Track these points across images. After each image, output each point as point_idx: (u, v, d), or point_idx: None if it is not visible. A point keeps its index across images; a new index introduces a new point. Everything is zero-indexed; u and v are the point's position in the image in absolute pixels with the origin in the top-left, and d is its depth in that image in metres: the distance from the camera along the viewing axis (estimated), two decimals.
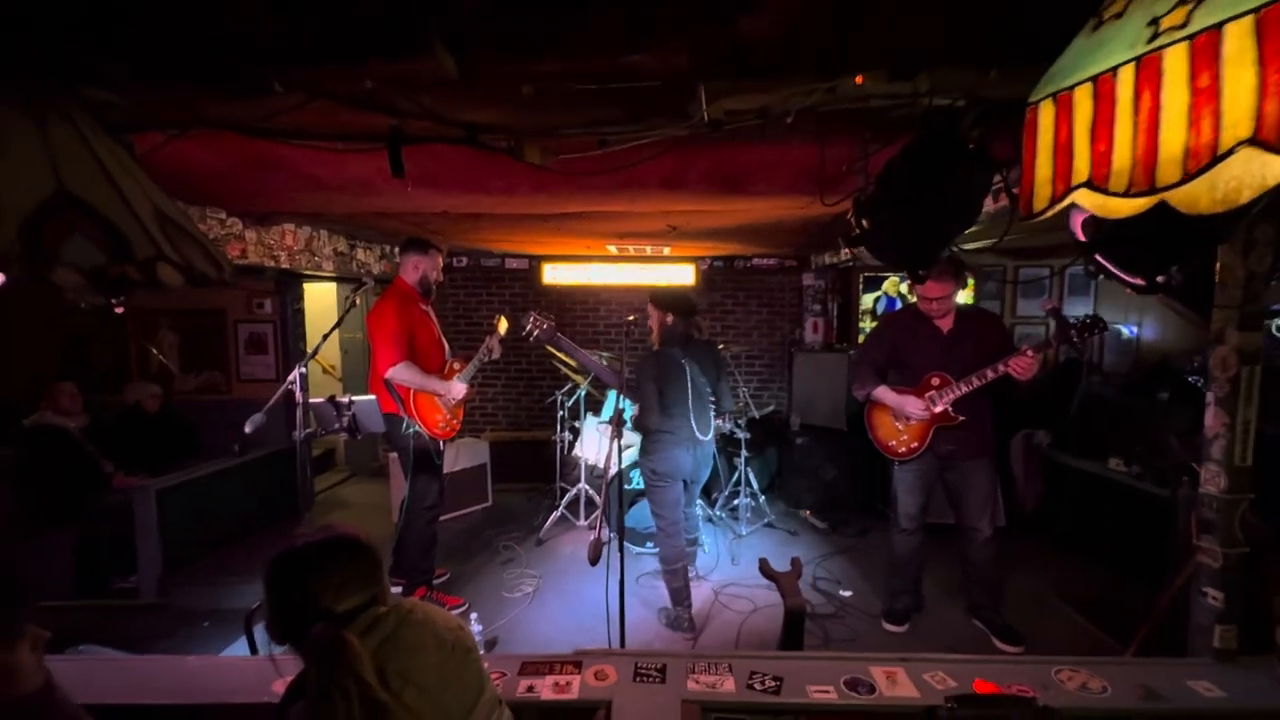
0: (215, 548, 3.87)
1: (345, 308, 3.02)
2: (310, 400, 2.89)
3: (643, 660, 1.68)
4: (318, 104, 1.64)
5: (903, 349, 3.01)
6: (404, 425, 3.11)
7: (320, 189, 3.10)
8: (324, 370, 6.01)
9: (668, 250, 5.88)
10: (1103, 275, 1.76)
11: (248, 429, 2.57)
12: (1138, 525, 3.41)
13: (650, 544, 3.91)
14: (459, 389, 3.21)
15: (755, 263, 6.42)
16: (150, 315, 4.93)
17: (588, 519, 4.57)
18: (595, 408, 4.99)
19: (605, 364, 3.46)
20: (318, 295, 6.12)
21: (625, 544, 3.30)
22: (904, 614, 3.14)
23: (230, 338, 4.99)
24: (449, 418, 3.27)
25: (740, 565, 3.85)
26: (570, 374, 4.91)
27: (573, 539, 4.35)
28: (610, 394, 4.48)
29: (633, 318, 3.11)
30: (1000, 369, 2.71)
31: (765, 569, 2.21)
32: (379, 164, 2.10)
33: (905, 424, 2.98)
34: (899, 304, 5.51)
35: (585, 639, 2.93)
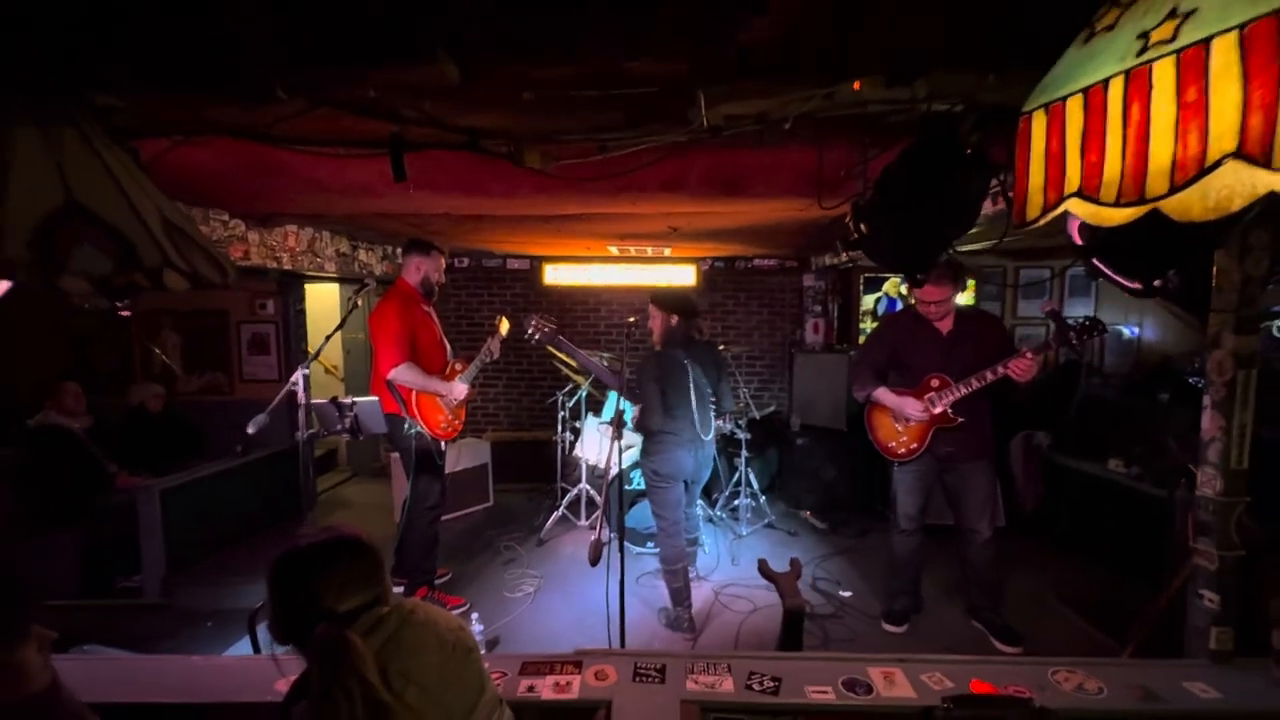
0: (218, 548, 3.88)
1: (348, 309, 3.03)
2: (313, 401, 2.91)
3: (642, 660, 1.69)
4: (320, 110, 1.66)
5: (902, 350, 3.02)
6: (406, 426, 3.12)
7: (322, 192, 3.12)
8: (326, 371, 6.02)
9: (668, 251, 5.89)
10: (1101, 278, 1.78)
11: (251, 430, 2.58)
12: (1137, 526, 3.41)
13: (651, 544, 3.92)
14: (461, 390, 3.22)
15: (756, 263, 6.43)
16: (153, 316, 4.95)
17: (589, 519, 4.58)
18: (596, 408, 5.01)
19: (605, 365, 3.47)
20: (320, 296, 6.14)
21: (626, 544, 3.32)
22: (903, 614, 3.15)
23: (233, 338, 5.00)
24: (451, 418, 3.28)
25: (740, 565, 3.86)
26: (571, 375, 4.92)
27: (574, 539, 4.37)
28: (611, 395, 4.49)
29: (633, 319, 3.12)
30: (1000, 371, 2.72)
31: (764, 570, 2.22)
32: (380, 167, 2.11)
33: (905, 425, 2.99)
34: (899, 305, 5.51)
35: (586, 639, 2.94)
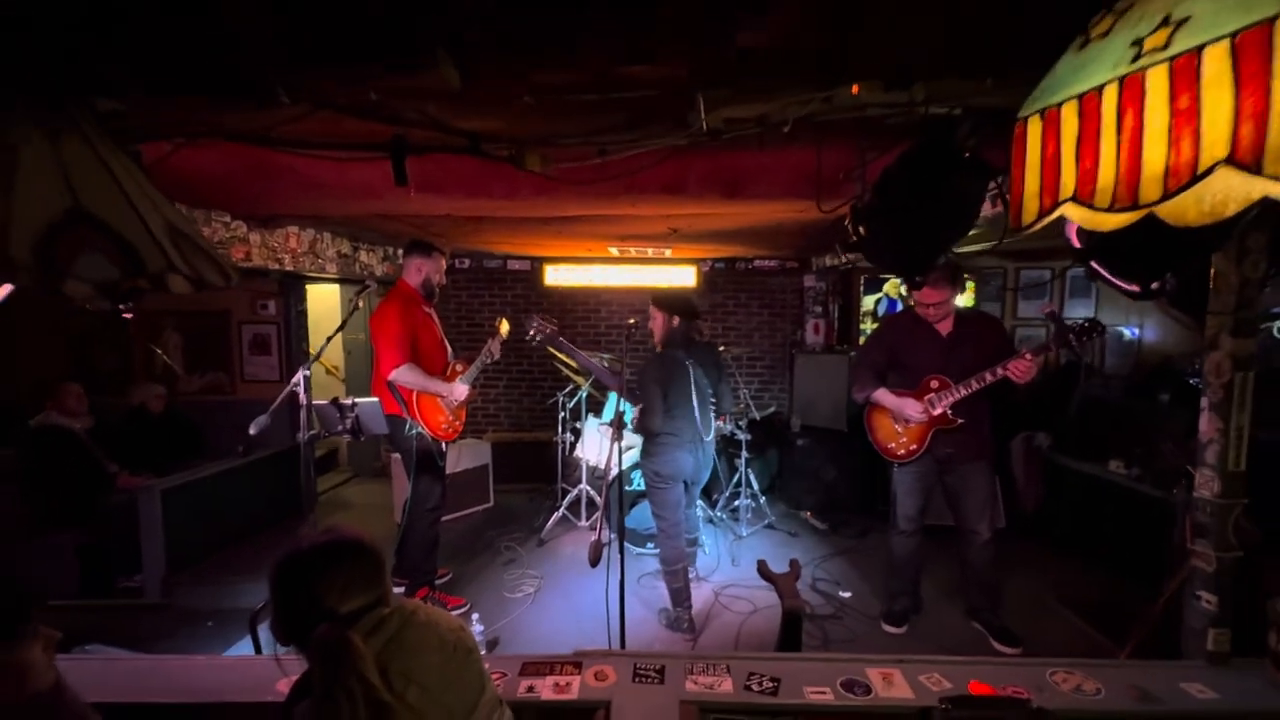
0: (219, 548, 3.89)
1: (349, 310, 3.04)
2: (314, 402, 2.91)
3: (641, 661, 1.69)
4: (322, 113, 1.67)
5: (902, 351, 3.02)
6: (407, 427, 3.13)
7: (324, 193, 3.12)
8: (327, 371, 6.03)
9: (669, 252, 5.90)
10: (1099, 281, 1.78)
11: (252, 431, 2.58)
12: (1137, 527, 3.41)
13: (651, 545, 3.93)
14: (461, 391, 3.23)
15: (756, 264, 6.43)
16: (155, 316, 4.96)
17: (589, 520, 4.59)
18: (596, 409, 5.01)
19: (606, 366, 3.48)
20: (321, 296, 6.15)
21: (626, 545, 3.32)
22: (902, 615, 3.16)
23: (234, 339, 5.01)
24: (451, 419, 3.29)
25: (740, 566, 3.87)
26: (571, 376, 4.93)
27: (574, 540, 4.37)
28: (611, 396, 4.50)
29: (633, 320, 3.13)
30: (999, 372, 2.73)
31: (763, 571, 2.22)
32: (382, 169, 2.12)
33: (904, 426, 2.99)
34: (900, 306, 5.51)
35: (586, 639, 2.95)
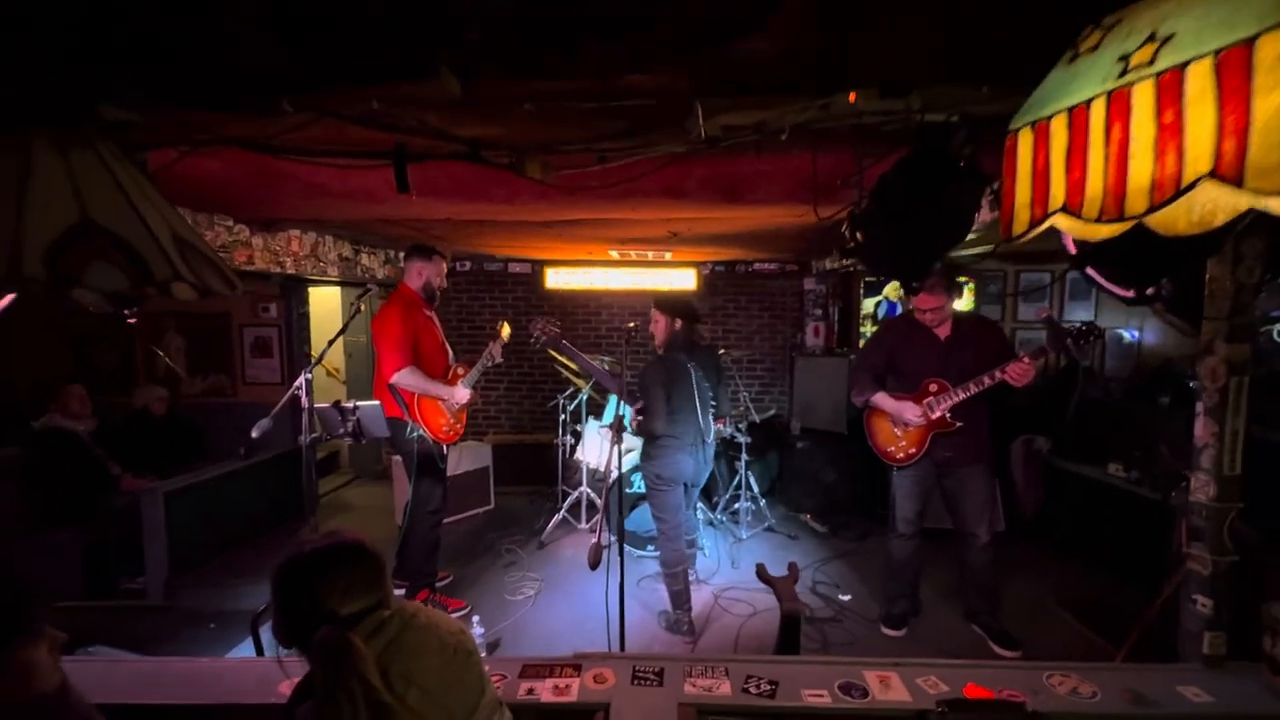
0: (221, 550, 3.90)
1: (350, 313, 3.06)
2: (316, 405, 2.93)
3: (640, 663, 1.70)
4: (325, 121, 1.68)
5: (900, 355, 3.04)
6: (408, 429, 3.15)
7: (325, 198, 3.14)
8: (328, 373, 6.05)
9: (669, 255, 5.91)
10: (1095, 286, 1.79)
11: (255, 434, 2.59)
12: (1137, 530, 3.42)
13: (651, 547, 3.94)
14: (463, 394, 3.24)
15: (756, 267, 6.45)
16: (157, 319, 4.98)
17: (589, 522, 4.60)
18: (597, 411, 5.03)
19: (606, 369, 3.49)
20: (322, 299, 6.18)
21: (626, 547, 3.33)
22: (901, 618, 3.17)
23: (236, 341, 5.03)
24: (453, 422, 3.31)
25: (740, 569, 3.88)
26: (572, 378, 4.95)
27: (574, 542, 4.38)
28: (611, 398, 4.51)
29: (633, 324, 3.14)
30: (997, 375, 2.74)
31: (762, 574, 2.24)
32: (383, 174, 2.14)
33: (903, 430, 3.00)
34: (899, 309, 5.52)
35: (586, 642, 2.96)
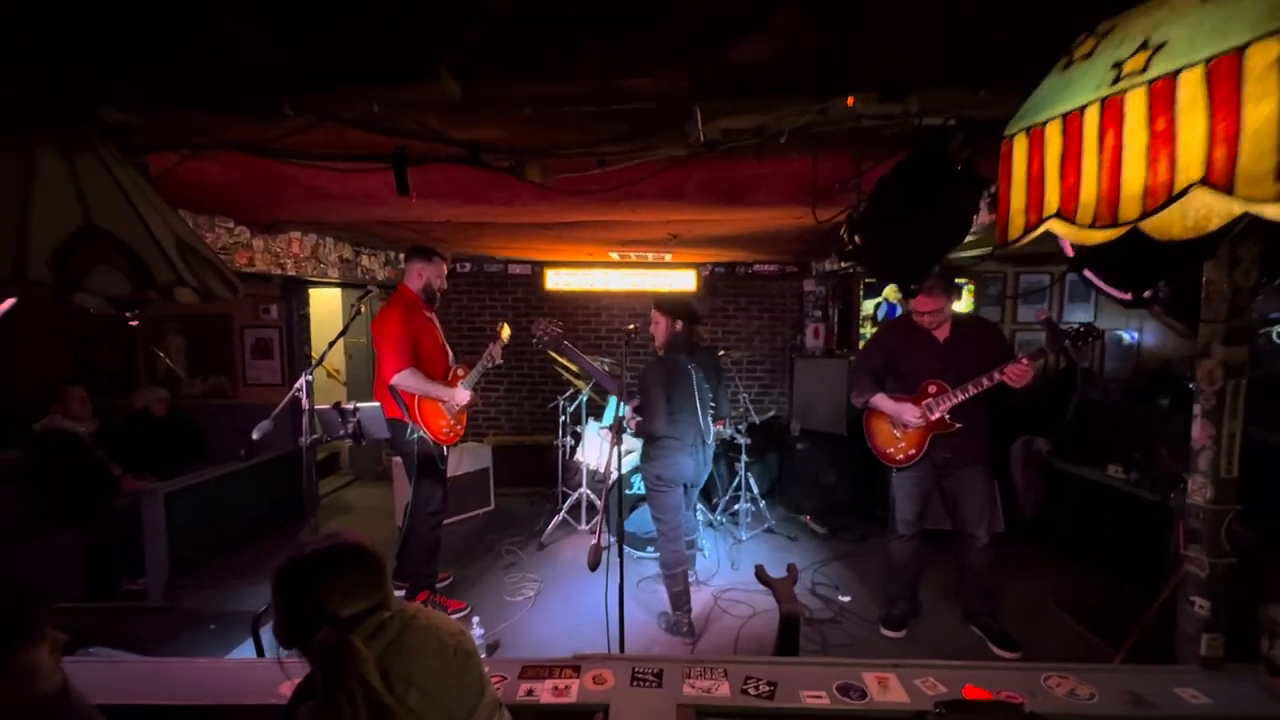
0: (222, 551, 3.91)
1: (351, 315, 3.07)
2: (316, 407, 2.93)
3: (639, 665, 1.71)
4: (325, 124, 1.69)
5: (899, 357, 3.04)
6: (409, 431, 3.15)
7: (326, 200, 3.16)
8: (329, 374, 6.06)
9: (669, 256, 5.92)
10: (1092, 288, 1.80)
11: (255, 436, 2.60)
12: (1136, 532, 3.42)
13: (651, 549, 3.94)
14: (463, 395, 3.25)
15: (756, 269, 6.46)
16: (158, 320, 4.99)
17: (589, 524, 4.60)
18: (597, 413, 5.03)
19: (607, 371, 3.50)
20: (323, 300, 6.18)
21: (626, 548, 3.33)
22: (901, 619, 3.17)
23: (236, 343, 5.04)
24: (453, 423, 3.31)
25: (740, 570, 3.88)
26: (572, 379, 4.95)
27: (574, 543, 4.39)
28: (611, 400, 4.52)
29: (633, 326, 3.14)
30: (996, 377, 2.74)
31: (761, 575, 2.24)
32: (383, 177, 2.15)
33: (903, 431, 3.01)
34: (899, 310, 5.52)
35: (585, 643, 2.96)
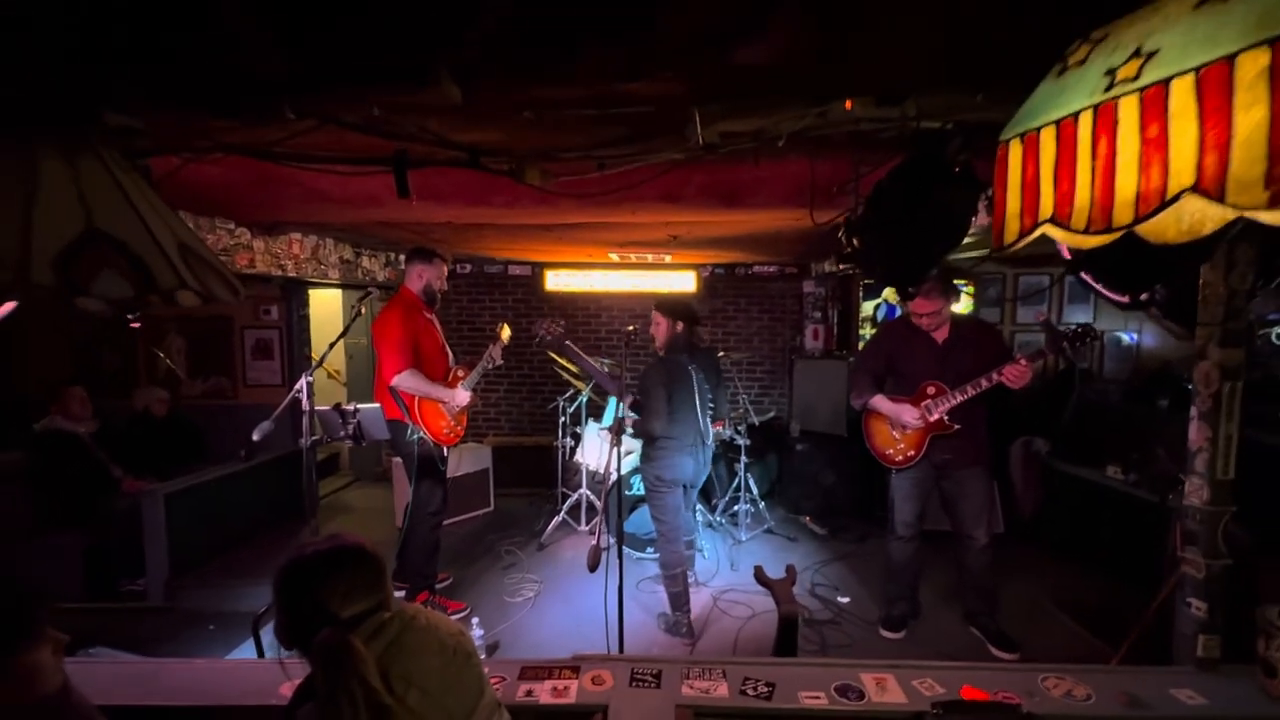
0: (222, 551, 3.92)
1: (351, 316, 3.08)
2: (316, 407, 2.94)
3: (638, 665, 1.71)
4: (326, 127, 1.70)
5: (898, 358, 3.05)
6: (409, 432, 3.16)
7: (327, 202, 3.16)
8: (329, 375, 6.07)
9: (669, 258, 5.93)
10: (1090, 290, 1.81)
11: (256, 436, 2.59)
12: (1134, 532, 3.43)
13: (650, 549, 3.95)
14: (463, 396, 3.26)
15: (756, 270, 6.47)
16: (158, 321, 4.99)
17: (589, 524, 4.61)
18: (597, 413, 5.04)
19: (607, 371, 3.50)
20: (323, 301, 6.20)
21: (625, 549, 3.33)
22: (900, 620, 3.18)
23: (237, 343, 5.04)
24: (453, 424, 3.32)
25: (739, 571, 3.88)
26: (572, 380, 4.96)
27: (574, 544, 4.39)
28: (611, 400, 4.52)
29: (633, 327, 3.15)
30: (994, 378, 2.75)
31: (760, 576, 2.25)
32: (383, 179, 2.16)
33: (902, 432, 3.02)
34: (899, 311, 5.53)
35: (585, 644, 2.97)
